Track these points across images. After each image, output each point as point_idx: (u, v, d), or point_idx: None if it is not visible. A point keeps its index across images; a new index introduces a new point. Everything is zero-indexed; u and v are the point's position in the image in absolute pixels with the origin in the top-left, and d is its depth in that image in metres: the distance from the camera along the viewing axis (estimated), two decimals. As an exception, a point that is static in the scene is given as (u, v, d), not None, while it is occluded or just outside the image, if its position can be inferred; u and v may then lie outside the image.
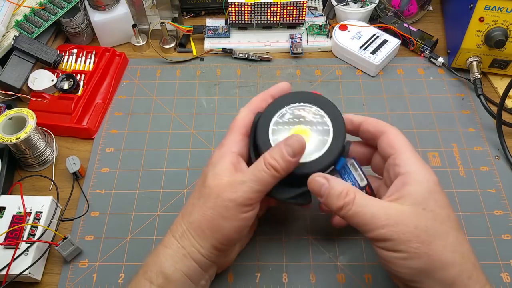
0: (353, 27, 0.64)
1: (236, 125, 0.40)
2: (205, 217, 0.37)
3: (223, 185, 0.37)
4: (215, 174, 0.38)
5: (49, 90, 0.57)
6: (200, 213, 0.37)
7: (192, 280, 0.38)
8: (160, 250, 0.38)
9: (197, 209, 0.37)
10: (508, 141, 0.53)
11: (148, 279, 0.36)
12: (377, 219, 0.33)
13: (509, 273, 0.44)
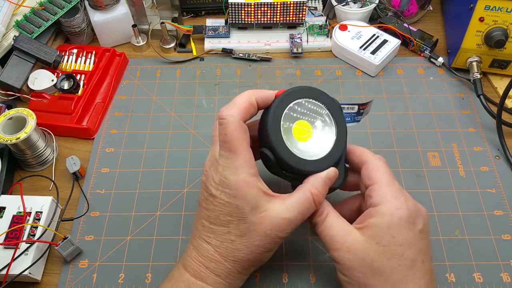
0: (353, 27, 0.64)
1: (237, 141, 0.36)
2: (254, 255, 0.36)
3: (269, 222, 0.35)
4: (253, 209, 0.35)
5: (49, 90, 0.58)
6: (248, 252, 0.36)
7: None
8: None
9: (243, 249, 0.36)
10: (508, 141, 0.53)
11: None
12: (334, 242, 0.36)
13: (509, 273, 0.44)
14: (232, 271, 0.37)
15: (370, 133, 0.56)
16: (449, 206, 0.49)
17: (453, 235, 0.47)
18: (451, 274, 0.44)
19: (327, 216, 0.37)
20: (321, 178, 0.38)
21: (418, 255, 0.35)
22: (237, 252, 0.36)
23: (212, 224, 0.37)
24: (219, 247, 0.37)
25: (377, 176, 0.38)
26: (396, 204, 0.36)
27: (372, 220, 0.36)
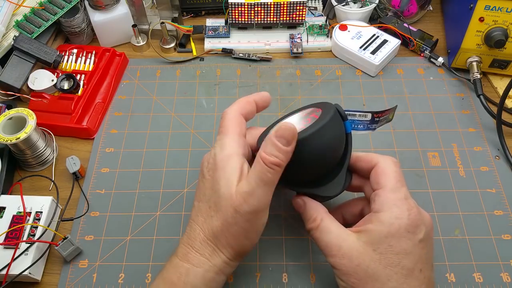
0: (353, 27, 0.64)
1: (231, 126, 0.39)
2: (231, 234, 0.36)
3: (234, 197, 0.36)
4: (227, 181, 0.36)
5: (49, 90, 0.58)
6: (225, 229, 0.36)
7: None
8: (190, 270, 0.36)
9: (220, 224, 0.36)
10: (508, 141, 0.53)
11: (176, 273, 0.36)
12: (329, 248, 0.36)
13: (509, 273, 0.44)
14: (215, 250, 0.37)
15: (370, 133, 0.56)
16: (449, 206, 0.49)
17: (453, 235, 0.47)
18: (451, 274, 0.44)
19: (321, 222, 0.38)
20: (268, 138, 0.36)
21: (416, 264, 0.35)
22: (215, 228, 0.36)
23: (200, 202, 0.38)
24: (203, 225, 0.37)
25: (383, 180, 0.37)
26: (397, 213, 0.35)
27: (370, 226, 0.36)
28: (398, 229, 0.35)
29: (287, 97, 0.60)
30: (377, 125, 0.42)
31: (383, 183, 0.37)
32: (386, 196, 0.37)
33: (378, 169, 0.38)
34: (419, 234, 0.35)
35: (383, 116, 0.41)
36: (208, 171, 0.38)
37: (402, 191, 0.37)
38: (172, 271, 0.37)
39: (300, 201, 0.40)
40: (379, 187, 0.37)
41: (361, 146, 0.54)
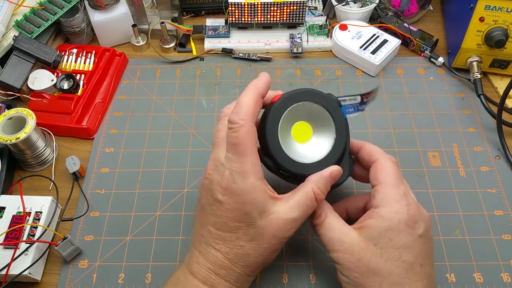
0: (353, 27, 0.64)
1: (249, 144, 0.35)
2: (263, 258, 0.37)
3: (276, 224, 0.36)
4: (262, 213, 0.35)
5: (49, 90, 0.57)
6: (257, 256, 0.37)
7: None
8: None
9: (252, 253, 0.36)
10: (508, 141, 0.53)
11: None
12: (332, 243, 0.37)
13: (509, 273, 0.44)
14: (241, 275, 0.37)
15: (370, 133, 0.56)
16: (449, 206, 0.49)
17: (453, 235, 0.47)
18: (451, 274, 0.44)
19: (325, 218, 0.38)
20: (323, 177, 0.38)
21: (417, 259, 0.35)
22: (247, 257, 0.36)
23: (220, 231, 0.36)
24: (229, 254, 0.36)
25: (383, 177, 0.38)
26: (396, 207, 0.36)
27: (371, 221, 0.36)
28: (398, 224, 0.35)
29: (287, 97, 0.60)
30: (366, 105, 0.43)
31: (382, 179, 0.38)
32: (386, 191, 0.37)
33: (377, 165, 0.39)
34: (418, 229, 0.36)
35: (369, 97, 0.43)
36: (227, 199, 0.35)
37: (401, 187, 0.38)
38: None
39: None
40: (378, 182, 0.38)
41: (361, 146, 0.54)
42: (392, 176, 0.38)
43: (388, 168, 0.39)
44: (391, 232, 0.35)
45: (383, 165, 0.39)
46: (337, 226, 0.38)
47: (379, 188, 0.38)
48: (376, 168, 0.39)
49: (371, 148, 0.41)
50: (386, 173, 0.38)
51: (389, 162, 0.39)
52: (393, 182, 0.38)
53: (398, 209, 0.36)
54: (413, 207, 0.36)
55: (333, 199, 0.42)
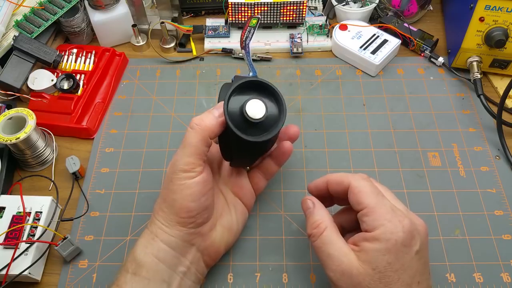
0: (353, 27, 0.64)
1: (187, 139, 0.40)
2: (161, 197, 0.40)
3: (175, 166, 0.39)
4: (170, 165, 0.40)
5: (48, 90, 0.57)
6: (159, 197, 0.40)
7: (166, 264, 0.38)
8: (135, 242, 0.40)
9: (159, 196, 0.40)
10: (508, 141, 0.53)
11: (125, 269, 0.38)
12: (331, 261, 0.36)
13: (509, 273, 0.44)
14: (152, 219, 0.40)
15: (370, 133, 0.56)
16: (449, 206, 0.49)
17: (453, 235, 0.47)
18: (451, 274, 0.44)
19: (325, 231, 0.37)
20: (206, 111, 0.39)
21: (414, 278, 0.35)
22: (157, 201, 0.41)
23: None
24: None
25: (364, 200, 0.36)
26: (390, 227, 0.34)
27: (367, 245, 0.35)
28: (395, 245, 0.34)
29: (287, 97, 0.60)
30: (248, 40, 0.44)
31: (364, 202, 0.36)
32: (375, 212, 0.35)
33: (353, 190, 0.37)
34: (415, 246, 0.35)
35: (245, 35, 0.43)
36: None
37: (386, 203, 0.36)
38: None
39: (310, 202, 0.40)
40: (362, 207, 0.36)
41: (360, 146, 0.54)
42: (373, 196, 0.36)
43: (364, 188, 0.37)
44: (389, 255, 0.34)
45: (358, 188, 0.37)
46: (336, 241, 0.36)
47: (366, 211, 0.36)
48: (353, 193, 0.37)
49: (336, 177, 0.39)
50: (365, 194, 0.36)
51: (362, 182, 0.37)
52: (376, 201, 0.36)
53: (392, 229, 0.34)
54: (406, 222, 0.35)
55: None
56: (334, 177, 0.40)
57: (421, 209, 0.49)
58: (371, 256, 0.34)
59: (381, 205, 0.36)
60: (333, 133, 0.56)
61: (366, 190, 0.37)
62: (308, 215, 0.39)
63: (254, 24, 0.43)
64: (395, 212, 0.35)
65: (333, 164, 0.53)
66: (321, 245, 0.37)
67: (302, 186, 0.51)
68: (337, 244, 0.36)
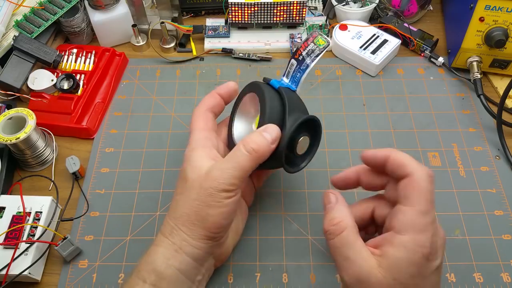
0: (353, 27, 0.64)
1: (195, 122, 0.43)
2: (192, 209, 0.37)
3: (204, 175, 0.38)
4: (193, 168, 0.39)
5: (48, 90, 0.57)
6: (186, 207, 0.38)
7: (187, 275, 0.38)
8: (151, 250, 0.38)
9: (182, 204, 0.38)
10: (508, 141, 0.53)
11: (141, 278, 0.37)
12: (347, 265, 0.33)
13: (509, 273, 0.44)
14: (173, 228, 0.38)
15: (370, 133, 0.56)
16: (449, 206, 0.49)
17: (453, 235, 0.47)
18: (451, 274, 0.44)
19: (345, 230, 0.34)
20: (255, 131, 0.39)
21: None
22: (177, 208, 0.39)
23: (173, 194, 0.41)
24: (169, 210, 0.40)
25: (414, 199, 0.33)
26: (421, 240, 0.32)
27: (391, 251, 0.33)
28: (420, 258, 0.32)
29: (287, 97, 0.60)
30: (309, 58, 0.41)
31: (412, 201, 0.33)
32: (413, 217, 0.33)
33: (411, 182, 0.34)
34: (436, 261, 0.33)
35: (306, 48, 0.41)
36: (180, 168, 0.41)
37: (431, 214, 0.33)
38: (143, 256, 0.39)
39: (333, 197, 0.37)
40: (407, 204, 0.33)
41: (361, 146, 0.54)
42: (425, 201, 0.33)
43: (423, 189, 0.33)
44: (412, 267, 0.32)
45: (418, 183, 0.34)
46: (356, 245, 0.34)
47: (406, 210, 0.33)
48: (408, 185, 0.34)
49: (401, 158, 0.35)
50: (420, 195, 0.33)
51: (426, 179, 0.34)
52: (424, 208, 0.33)
53: (422, 243, 0.32)
54: (435, 239, 0.33)
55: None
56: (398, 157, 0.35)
57: (421, 209, 0.49)
58: (394, 265, 0.32)
59: (425, 214, 0.33)
60: (333, 133, 0.56)
61: (424, 191, 0.33)
62: (328, 209, 0.37)
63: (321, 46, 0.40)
64: (432, 225, 0.33)
65: (333, 164, 0.53)
66: (339, 245, 0.34)
67: (302, 186, 0.51)
68: (356, 247, 0.33)
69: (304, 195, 0.50)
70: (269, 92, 0.41)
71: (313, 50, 0.41)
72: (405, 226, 0.33)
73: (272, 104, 0.40)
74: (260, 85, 0.42)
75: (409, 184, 0.34)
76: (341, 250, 0.34)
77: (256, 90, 0.43)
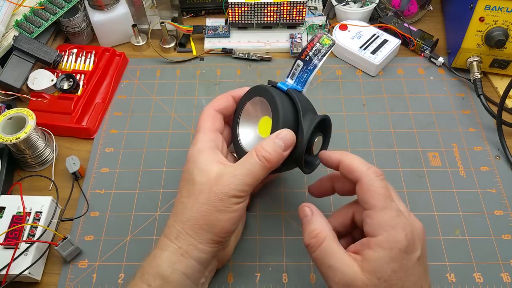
0: (353, 27, 0.64)
1: (203, 122, 0.42)
2: (200, 213, 0.37)
3: (214, 179, 0.37)
4: (201, 170, 0.38)
5: (48, 90, 0.57)
6: (194, 211, 0.37)
7: (191, 279, 0.38)
8: (156, 253, 0.38)
9: (190, 207, 0.37)
10: (508, 141, 0.53)
11: (145, 282, 0.36)
12: (333, 273, 0.34)
13: (509, 273, 0.44)
14: (180, 232, 0.37)
15: (370, 133, 0.56)
16: (449, 206, 0.49)
17: (453, 235, 0.47)
18: (451, 274, 0.44)
19: (324, 241, 0.35)
20: (269, 138, 0.38)
21: (417, 284, 0.34)
22: (184, 212, 0.38)
23: (177, 196, 0.40)
24: (173, 212, 0.39)
25: (372, 200, 0.35)
26: (394, 235, 0.33)
27: (370, 254, 0.33)
28: (398, 253, 0.33)
29: (287, 97, 0.60)
30: (316, 58, 0.41)
31: (371, 203, 0.35)
32: (379, 216, 0.34)
33: (363, 187, 0.35)
34: (416, 253, 0.34)
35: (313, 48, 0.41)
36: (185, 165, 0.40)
37: (393, 207, 0.35)
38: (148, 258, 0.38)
39: (308, 210, 0.38)
40: (368, 207, 0.35)
41: (360, 146, 0.54)
42: (382, 198, 0.35)
43: (374, 188, 0.35)
44: (393, 263, 0.33)
45: (369, 186, 0.35)
46: (337, 252, 0.34)
47: (370, 213, 0.34)
48: (363, 190, 0.35)
49: (351, 163, 0.37)
50: (374, 195, 0.35)
51: (375, 180, 0.35)
52: (384, 204, 0.34)
53: (396, 237, 0.33)
54: (409, 230, 0.34)
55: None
56: (348, 162, 0.37)
57: (421, 209, 0.49)
58: (376, 265, 0.33)
59: (387, 210, 0.34)
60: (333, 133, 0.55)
61: (376, 191, 0.35)
62: (305, 223, 0.37)
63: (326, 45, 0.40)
64: (399, 218, 0.34)
65: (333, 164, 0.53)
66: (321, 256, 0.35)
67: (302, 186, 0.51)
68: (338, 255, 0.34)
69: (304, 195, 0.50)
70: (279, 96, 0.41)
71: (320, 50, 0.41)
72: (374, 228, 0.34)
73: (285, 108, 0.40)
74: (268, 88, 0.41)
75: (361, 188, 0.35)
76: (324, 261, 0.35)
77: (265, 94, 0.42)
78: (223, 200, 0.36)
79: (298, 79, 0.42)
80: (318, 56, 0.41)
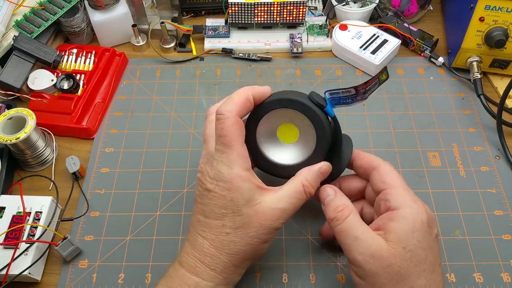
0: (353, 27, 0.64)
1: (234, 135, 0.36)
2: (251, 247, 0.37)
3: (263, 213, 0.36)
4: (248, 201, 0.36)
5: (48, 90, 0.57)
6: (243, 244, 0.36)
7: None
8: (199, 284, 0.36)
9: (239, 241, 0.36)
10: (508, 141, 0.53)
11: None
12: (358, 244, 0.35)
13: (509, 273, 0.44)
14: (228, 265, 0.37)
15: (370, 133, 0.56)
16: (449, 206, 0.49)
17: (453, 235, 0.47)
18: (451, 274, 0.44)
19: (350, 215, 0.36)
20: (312, 171, 0.39)
21: (437, 259, 0.35)
22: (232, 245, 0.36)
23: (207, 218, 0.37)
24: (214, 241, 0.37)
25: (391, 180, 0.38)
26: (416, 208, 0.36)
27: (394, 225, 0.35)
28: (421, 224, 0.35)
29: (287, 97, 0.60)
30: (367, 94, 0.41)
31: (391, 182, 0.38)
32: (401, 192, 0.37)
33: (381, 171, 0.39)
34: (435, 229, 0.36)
35: (370, 85, 0.41)
36: (214, 187, 0.36)
37: (411, 189, 0.38)
38: (179, 282, 0.37)
39: (331, 190, 0.39)
40: (387, 186, 0.38)
41: (361, 146, 0.54)
42: (401, 179, 0.38)
43: (393, 172, 0.39)
44: (418, 233, 0.34)
45: (387, 170, 0.39)
46: (362, 227, 0.36)
47: (391, 191, 0.37)
48: (380, 173, 0.39)
49: (367, 156, 0.41)
50: (393, 176, 0.38)
51: (391, 167, 0.39)
52: (403, 184, 0.38)
53: (418, 210, 0.36)
54: (427, 208, 0.37)
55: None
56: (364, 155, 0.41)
57: (421, 209, 0.49)
58: (400, 234, 0.34)
59: (407, 188, 0.37)
60: (333, 133, 0.56)
61: (393, 173, 0.39)
62: (329, 201, 0.38)
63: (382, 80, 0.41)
64: (417, 197, 0.37)
65: (333, 164, 0.53)
66: (346, 228, 0.36)
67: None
68: (364, 227, 0.36)
69: (304, 195, 0.50)
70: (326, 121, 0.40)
71: (374, 85, 0.40)
72: (397, 201, 0.36)
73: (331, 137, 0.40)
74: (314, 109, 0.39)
75: (379, 172, 0.39)
76: (349, 232, 0.36)
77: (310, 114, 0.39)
78: (272, 233, 0.37)
79: (337, 99, 0.41)
80: (369, 92, 0.40)
